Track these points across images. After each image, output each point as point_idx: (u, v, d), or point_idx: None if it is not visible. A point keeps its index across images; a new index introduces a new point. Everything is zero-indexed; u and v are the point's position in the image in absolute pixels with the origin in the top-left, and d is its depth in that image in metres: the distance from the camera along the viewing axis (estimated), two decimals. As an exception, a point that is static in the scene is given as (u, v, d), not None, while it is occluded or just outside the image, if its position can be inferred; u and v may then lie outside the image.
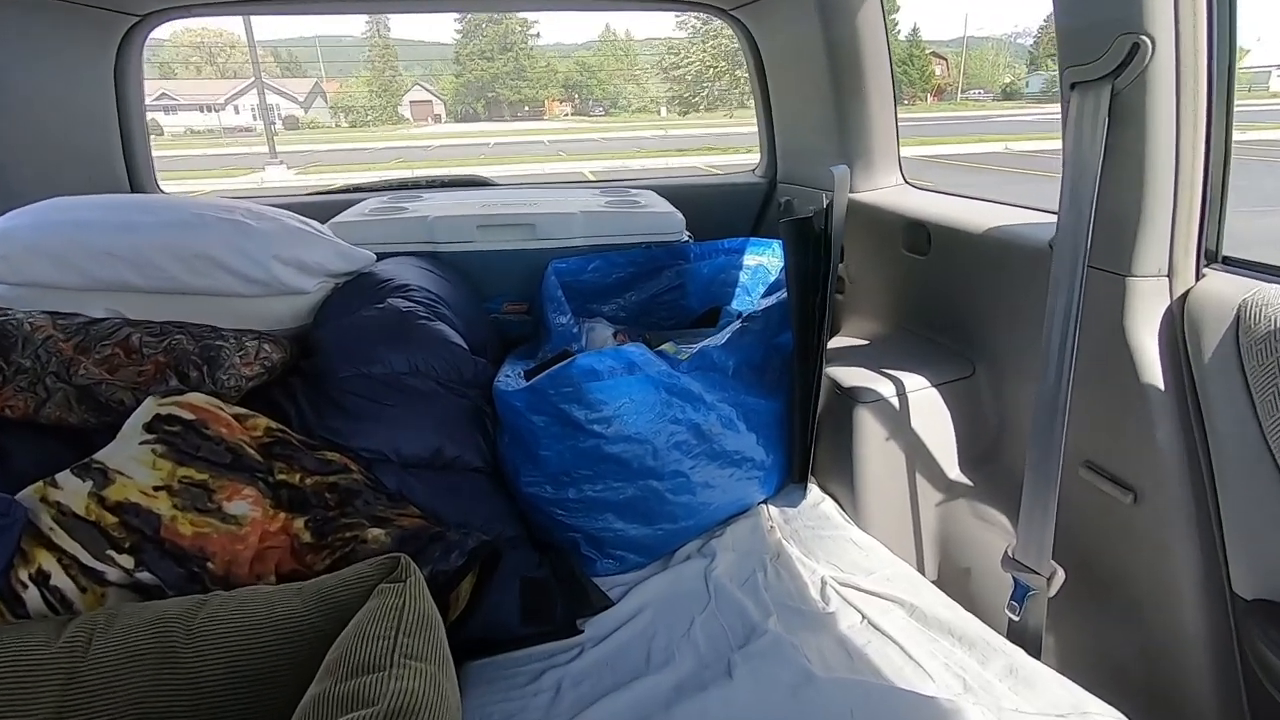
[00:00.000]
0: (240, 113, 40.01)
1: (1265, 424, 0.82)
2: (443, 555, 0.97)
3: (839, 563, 1.17)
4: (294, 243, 1.27)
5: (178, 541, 0.87)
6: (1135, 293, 0.95)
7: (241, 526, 0.91)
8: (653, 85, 49.60)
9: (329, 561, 0.94)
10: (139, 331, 1.06)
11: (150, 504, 0.87)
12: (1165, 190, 0.90)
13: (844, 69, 1.61)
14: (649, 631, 1.04)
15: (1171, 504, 0.93)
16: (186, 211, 1.23)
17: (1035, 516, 0.99)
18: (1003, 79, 49.53)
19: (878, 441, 1.27)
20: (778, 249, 1.70)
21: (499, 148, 21.97)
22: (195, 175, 14.32)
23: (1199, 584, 0.92)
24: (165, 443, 0.91)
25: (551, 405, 1.11)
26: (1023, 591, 1.02)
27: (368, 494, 1.02)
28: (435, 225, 1.63)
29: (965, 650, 0.96)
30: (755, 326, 1.32)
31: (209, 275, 1.20)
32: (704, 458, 1.22)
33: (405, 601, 0.72)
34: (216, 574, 0.88)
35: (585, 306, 1.64)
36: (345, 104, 45.91)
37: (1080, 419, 0.97)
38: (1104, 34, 0.86)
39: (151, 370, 1.01)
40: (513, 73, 47.89)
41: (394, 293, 1.30)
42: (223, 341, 1.07)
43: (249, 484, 0.93)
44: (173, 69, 48.01)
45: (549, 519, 1.19)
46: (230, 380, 1.03)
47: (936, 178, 2.45)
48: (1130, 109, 0.88)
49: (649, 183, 2.06)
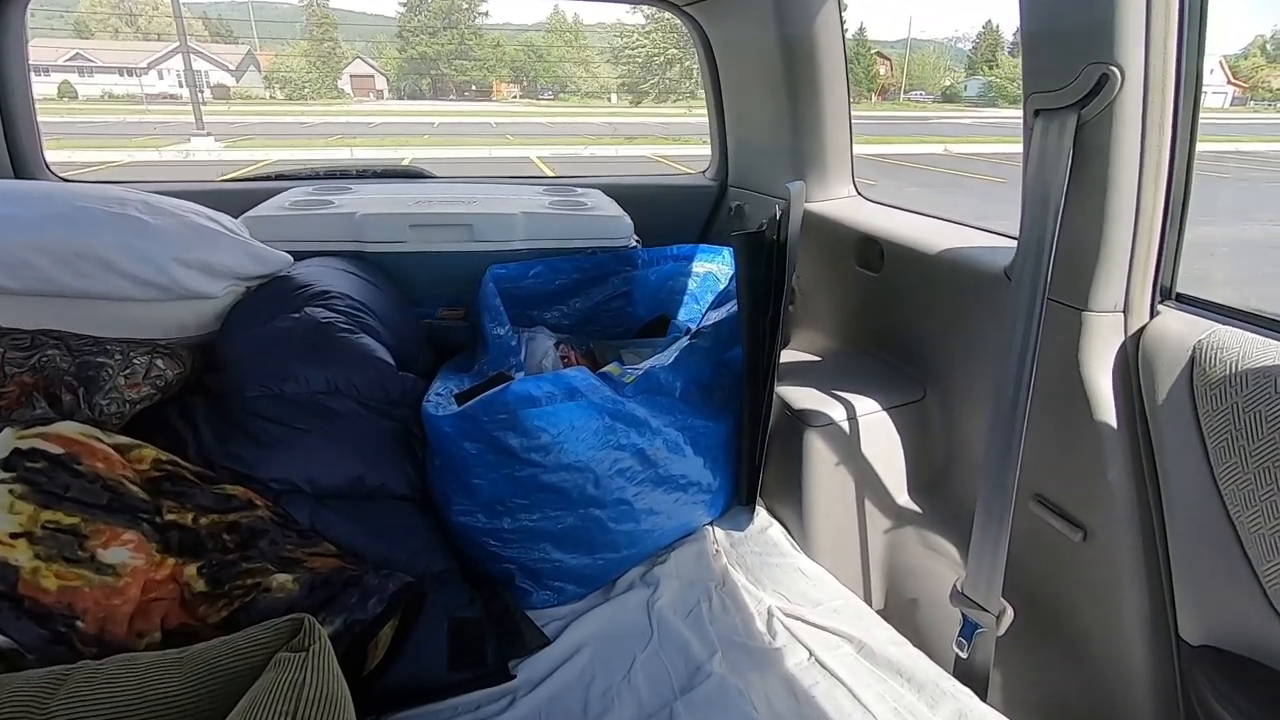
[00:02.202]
0: (165, 77, 37.61)
1: (1217, 470, 0.81)
2: (360, 602, 0.88)
3: (786, 592, 1.14)
4: (197, 242, 1.13)
5: (39, 598, 0.75)
6: (1091, 327, 0.93)
7: (120, 577, 0.79)
8: (603, 70, 49.14)
9: (225, 613, 0.83)
10: (2, 345, 0.91)
11: (5, 554, 0.75)
12: (1126, 224, 0.88)
13: (799, 74, 1.56)
14: (587, 674, 0.98)
15: (1120, 544, 0.92)
16: (67, 204, 1.07)
17: (985, 552, 0.96)
18: (943, 82, 51.15)
19: (828, 467, 1.23)
20: (727, 256, 1.65)
21: (444, 128, 21.35)
22: (113, 145, 13.37)
23: (1145, 627, 0.91)
24: (26, 482, 0.78)
25: (484, 433, 1.03)
26: (971, 629, 0.99)
27: (275, 532, 0.92)
28: (363, 223, 1.50)
29: (914, 693, 0.94)
30: (704, 343, 1.25)
31: (94, 277, 1.05)
32: (649, 484, 1.15)
33: (306, 678, 0.62)
34: (88, 634, 0.76)
35: (526, 314, 1.55)
36: (281, 75, 43.79)
37: (1032, 451, 0.94)
38: (1072, 62, 0.83)
39: (15, 393, 0.87)
40: (457, 51, 46.58)
41: (312, 300, 1.18)
42: (105, 358, 0.93)
43: (130, 527, 0.81)
44: (89, 27, 44.80)
45: (482, 550, 1.11)
46: (111, 406, 0.90)
47: (878, 177, 2.43)
48: (1095, 140, 0.85)
49: (596, 182, 1.97)
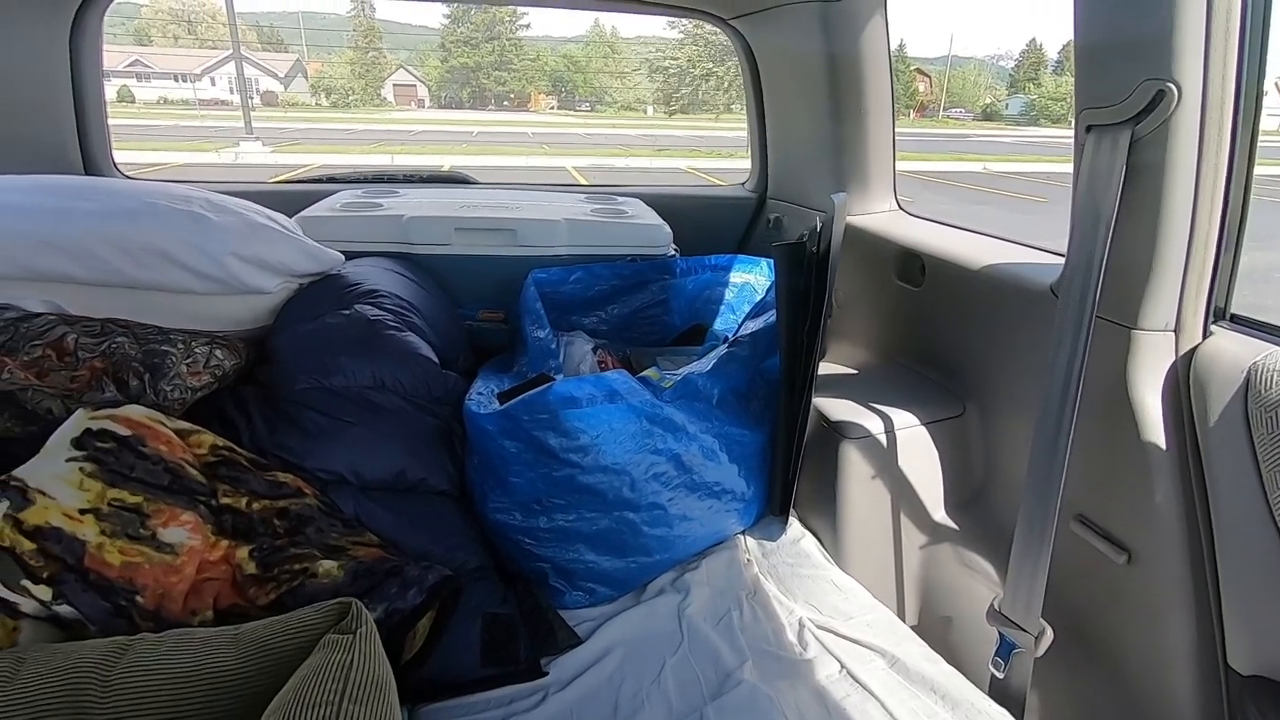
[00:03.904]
0: (216, 85, 38.95)
1: (1271, 494, 0.79)
2: (400, 592, 0.90)
3: (818, 604, 1.13)
4: (255, 239, 1.18)
5: (104, 572, 0.78)
6: (1140, 346, 0.92)
7: (177, 556, 0.82)
8: (640, 82, 49.52)
9: (274, 596, 0.86)
10: (75, 331, 0.96)
11: (74, 529, 0.79)
12: (1179, 243, 0.86)
13: (844, 88, 1.57)
14: (617, 676, 0.98)
15: (1167, 568, 0.90)
16: (136, 199, 1.13)
17: (1025, 572, 0.95)
18: (983, 99, 50.50)
19: (863, 480, 1.23)
20: (765, 267, 1.65)
21: (482, 137, 21.71)
22: (167, 147, 13.87)
23: (1192, 654, 0.88)
24: (95, 460, 0.82)
25: (525, 432, 1.05)
26: (1008, 649, 0.98)
27: (321, 520, 0.95)
28: (410, 225, 1.55)
29: (948, 710, 0.92)
30: (742, 352, 1.26)
31: (158, 270, 1.10)
32: (683, 489, 1.16)
33: (354, 659, 0.64)
34: (147, 608, 0.79)
35: (565, 318, 1.57)
36: (326, 83, 45.03)
37: (1075, 470, 0.93)
38: (1128, 78, 0.82)
39: (86, 376, 0.91)
40: (497, 63, 47.41)
41: (362, 298, 1.22)
42: (169, 347, 0.98)
43: (188, 508, 0.85)
44: (149, 35, 46.64)
45: (517, 548, 1.13)
46: (174, 392, 0.94)
47: (918, 195, 2.41)
48: (1149, 157, 0.84)
49: (636, 191, 1.99)
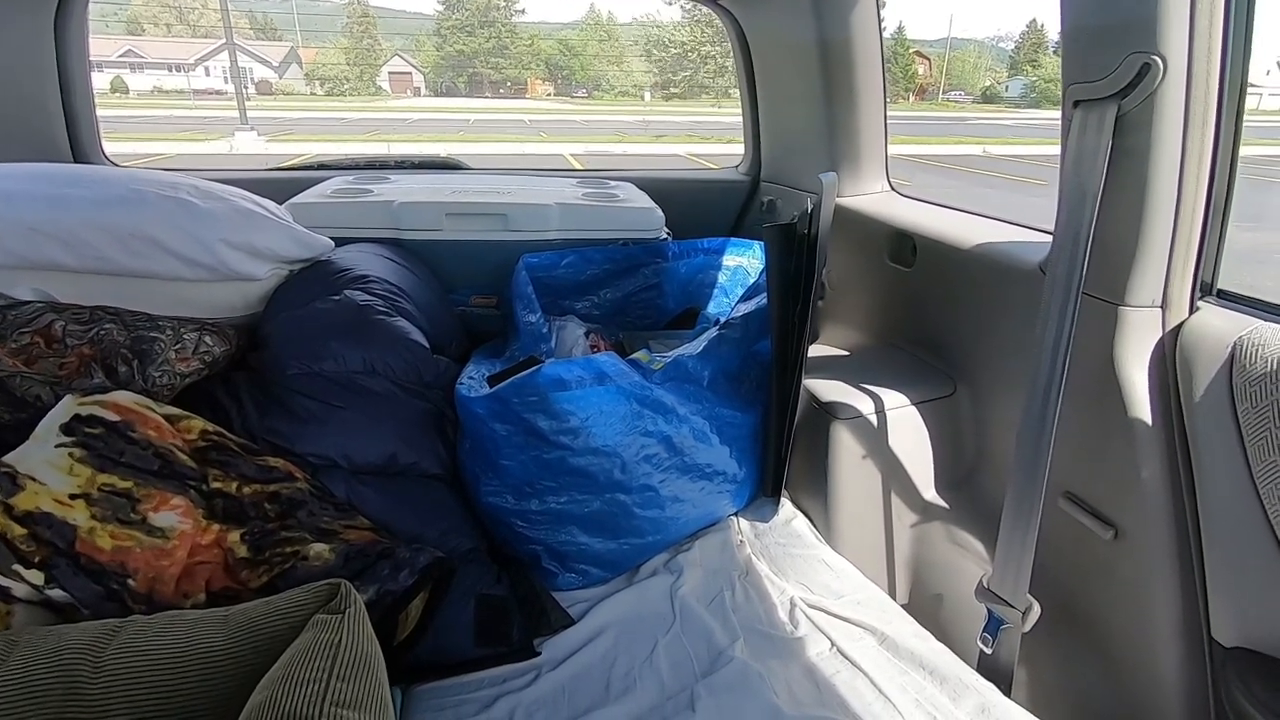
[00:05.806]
0: (210, 74, 38.65)
1: (1255, 468, 0.79)
2: (392, 574, 0.90)
3: (809, 583, 1.14)
4: (244, 225, 1.18)
5: (95, 556, 0.79)
6: (1127, 322, 0.92)
7: (168, 540, 0.83)
8: (636, 66, 49.15)
9: (266, 579, 0.87)
10: (63, 318, 0.96)
11: (65, 514, 0.79)
12: (1165, 218, 0.86)
13: (835, 69, 1.56)
14: (610, 655, 0.99)
15: (1153, 542, 0.91)
16: (124, 186, 1.12)
17: (1013, 548, 0.95)
18: (983, 82, 50.14)
19: (854, 459, 1.23)
20: (758, 250, 1.65)
21: (479, 124, 21.58)
22: (161, 138, 13.78)
23: (1177, 627, 0.89)
24: (85, 446, 0.83)
25: (515, 414, 1.05)
26: (996, 624, 0.99)
27: (313, 504, 0.95)
28: (401, 211, 1.54)
29: (937, 685, 0.93)
30: (733, 334, 1.26)
31: (148, 257, 1.10)
32: (674, 471, 1.17)
33: (342, 638, 0.65)
34: (138, 592, 0.80)
35: (557, 303, 1.57)
36: (321, 72, 44.68)
37: (1062, 447, 0.93)
38: (1113, 51, 0.82)
39: (74, 363, 0.92)
40: (494, 49, 47.01)
41: (352, 283, 1.22)
42: (157, 333, 0.98)
43: (178, 493, 0.85)
44: (140, 25, 46.22)
45: (509, 530, 1.13)
46: (163, 378, 0.94)
47: (918, 179, 2.41)
48: (1135, 131, 0.84)
49: (628, 175, 1.98)
